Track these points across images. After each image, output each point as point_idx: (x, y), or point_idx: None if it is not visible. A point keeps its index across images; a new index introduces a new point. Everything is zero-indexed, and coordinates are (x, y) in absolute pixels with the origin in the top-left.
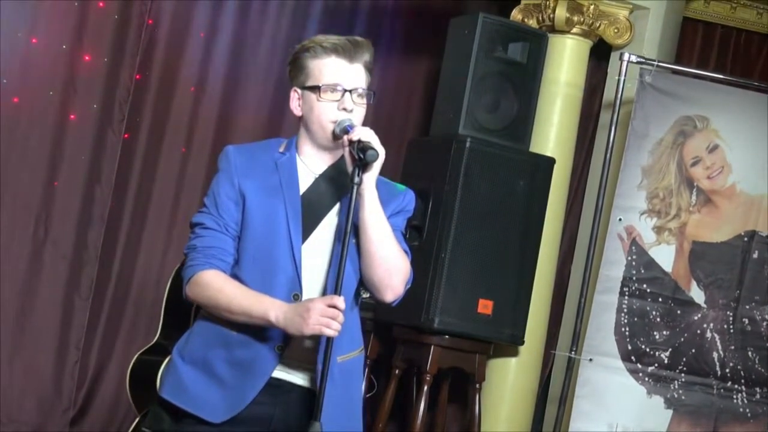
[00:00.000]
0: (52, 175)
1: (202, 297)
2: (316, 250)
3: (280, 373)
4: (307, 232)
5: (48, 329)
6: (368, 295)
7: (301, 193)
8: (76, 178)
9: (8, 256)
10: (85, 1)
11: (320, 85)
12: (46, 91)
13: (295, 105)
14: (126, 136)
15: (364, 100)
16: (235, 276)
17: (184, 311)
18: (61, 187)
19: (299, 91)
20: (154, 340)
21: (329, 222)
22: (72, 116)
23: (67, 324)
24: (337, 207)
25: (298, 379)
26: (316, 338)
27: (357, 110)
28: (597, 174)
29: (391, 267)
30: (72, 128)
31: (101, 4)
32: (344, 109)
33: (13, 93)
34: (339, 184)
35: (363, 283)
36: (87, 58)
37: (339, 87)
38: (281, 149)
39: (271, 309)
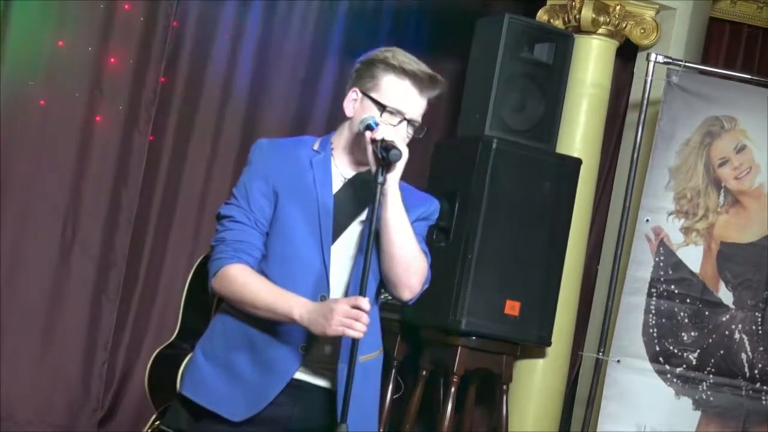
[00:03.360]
0: (79, 176)
1: (227, 290)
2: (344, 253)
3: (301, 374)
4: (336, 234)
5: (76, 331)
6: (390, 296)
7: (332, 193)
8: (102, 179)
9: (36, 257)
10: (111, 4)
11: (386, 105)
12: (72, 93)
13: (350, 105)
14: (152, 138)
15: (413, 132)
16: (262, 272)
17: (204, 306)
18: (87, 188)
19: (359, 93)
20: (173, 337)
21: (356, 226)
22: (98, 118)
23: (95, 325)
24: (364, 213)
25: (318, 380)
26: (337, 340)
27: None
28: (624, 175)
29: (410, 266)
30: (98, 130)
31: (127, 6)
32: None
33: (39, 95)
34: (367, 190)
35: (382, 284)
36: (113, 60)
37: (401, 113)
38: (315, 147)
39: (296, 307)
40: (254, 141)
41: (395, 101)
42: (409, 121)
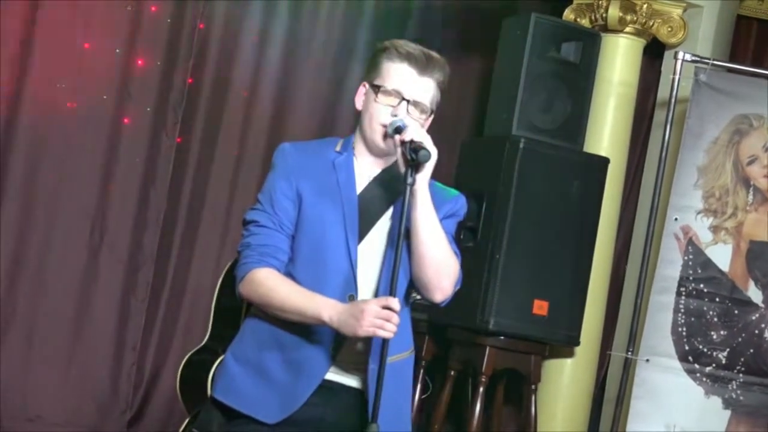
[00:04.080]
0: (108, 178)
1: (255, 295)
2: (371, 252)
3: (332, 375)
4: (362, 233)
5: (104, 332)
6: (420, 297)
7: (357, 193)
8: (130, 181)
9: (65, 259)
10: (138, 6)
11: (381, 85)
12: (100, 95)
13: (359, 99)
14: (179, 139)
15: (423, 116)
16: (289, 274)
17: (233, 311)
18: (116, 190)
19: (366, 86)
20: (204, 341)
21: (383, 224)
22: (126, 120)
23: (124, 326)
24: (390, 211)
25: (349, 380)
26: (368, 340)
27: (410, 122)
28: (652, 173)
29: (441, 268)
30: (126, 132)
31: (154, 8)
32: (394, 116)
33: (68, 98)
34: (392, 188)
35: (412, 284)
36: (140, 62)
37: (399, 93)
38: (337, 148)
39: (325, 309)
40: (280, 141)
41: (392, 82)
42: (411, 103)
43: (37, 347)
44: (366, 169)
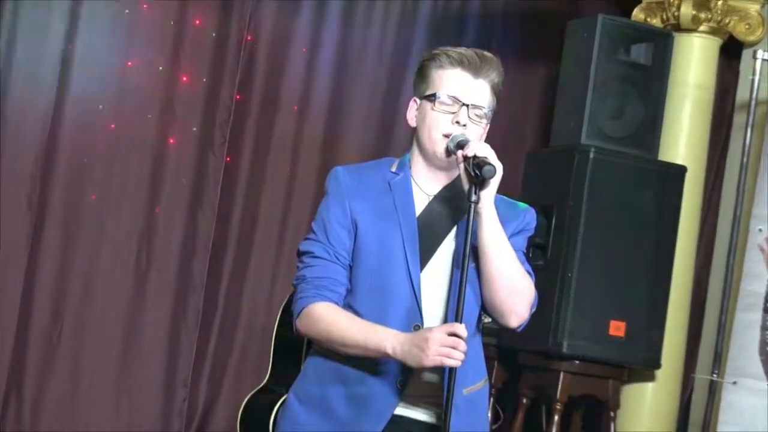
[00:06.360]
0: (154, 201)
1: (314, 331)
2: (435, 277)
3: (402, 409)
4: (425, 258)
5: (154, 364)
6: (490, 320)
7: (416, 215)
8: (178, 204)
9: (111, 286)
10: (181, 20)
11: (437, 93)
12: (143, 115)
13: (412, 115)
14: (228, 159)
15: (483, 121)
16: (349, 306)
17: (293, 348)
18: (162, 214)
19: (418, 100)
20: (265, 381)
21: (447, 246)
22: (171, 140)
23: (174, 358)
24: (454, 230)
25: (421, 414)
26: (439, 370)
27: (472, 127)
28: (732, 181)
29: (514, 290)
30: (172, 152)
31: (198, 21)
32: (457, 123)
33: (109, 119)
34: (455, 206)
35: (485, 309)
36: (185, 78)
37: (457, 99)
38: (393, 169)
39: (387, 340)
40: (335, 158)
41: (447, 89)
42: (470, 107)
43: (84, 380)
44: (425, 187)
